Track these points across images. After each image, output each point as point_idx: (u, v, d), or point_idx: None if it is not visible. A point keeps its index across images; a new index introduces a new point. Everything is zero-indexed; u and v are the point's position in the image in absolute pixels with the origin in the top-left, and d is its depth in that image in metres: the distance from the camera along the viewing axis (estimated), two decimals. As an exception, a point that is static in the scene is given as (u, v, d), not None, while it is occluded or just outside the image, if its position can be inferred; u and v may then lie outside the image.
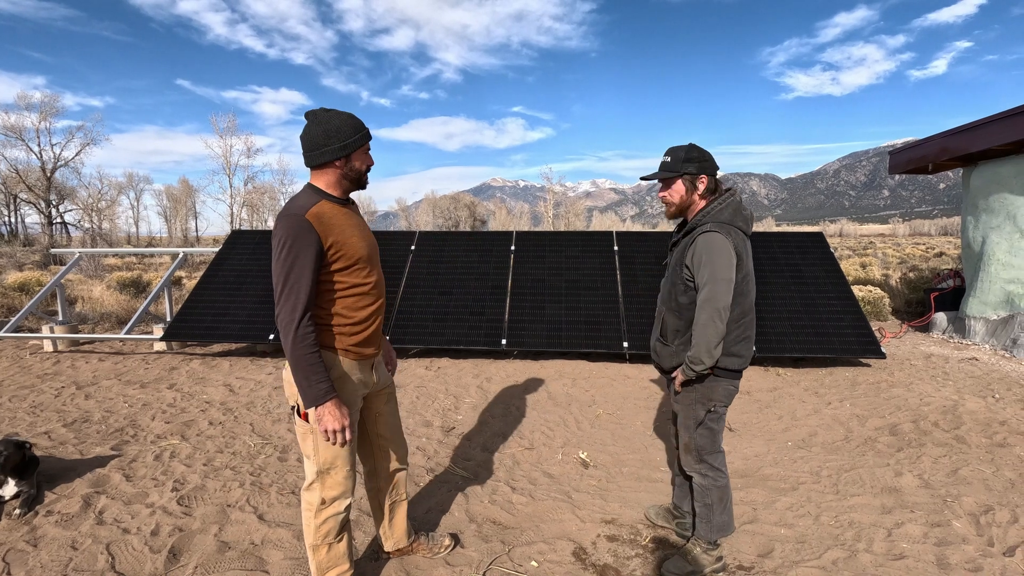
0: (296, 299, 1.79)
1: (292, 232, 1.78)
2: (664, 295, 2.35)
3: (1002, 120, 6.32)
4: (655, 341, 2.41)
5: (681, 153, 2.19)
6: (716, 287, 2.05)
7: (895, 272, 15.00)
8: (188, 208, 66.87)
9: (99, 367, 5.84)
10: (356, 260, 1.92)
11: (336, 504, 2.00)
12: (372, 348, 2.05)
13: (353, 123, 1.90)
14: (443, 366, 5.85)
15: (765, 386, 5.13)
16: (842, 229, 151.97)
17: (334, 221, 1.87)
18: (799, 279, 6.35)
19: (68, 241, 39.03)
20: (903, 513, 2.84)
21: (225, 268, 6.99)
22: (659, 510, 2.79)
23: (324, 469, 1.97)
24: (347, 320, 1.95)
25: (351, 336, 1.96)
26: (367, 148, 1.96)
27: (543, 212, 66.09)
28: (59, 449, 3.64)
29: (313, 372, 1.80)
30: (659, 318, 2.38)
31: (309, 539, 2.03)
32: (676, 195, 2.24)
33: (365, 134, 1.93)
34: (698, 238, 2.13)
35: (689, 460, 2.38)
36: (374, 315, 2.02)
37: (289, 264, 1.78)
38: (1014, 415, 4.28)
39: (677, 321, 2.25)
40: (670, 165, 2.21)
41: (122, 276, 11.82)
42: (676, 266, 2.25)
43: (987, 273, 6.98)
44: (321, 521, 2.00)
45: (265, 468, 3.37)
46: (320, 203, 1.86)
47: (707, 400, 2.27)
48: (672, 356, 2.29)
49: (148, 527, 2.68)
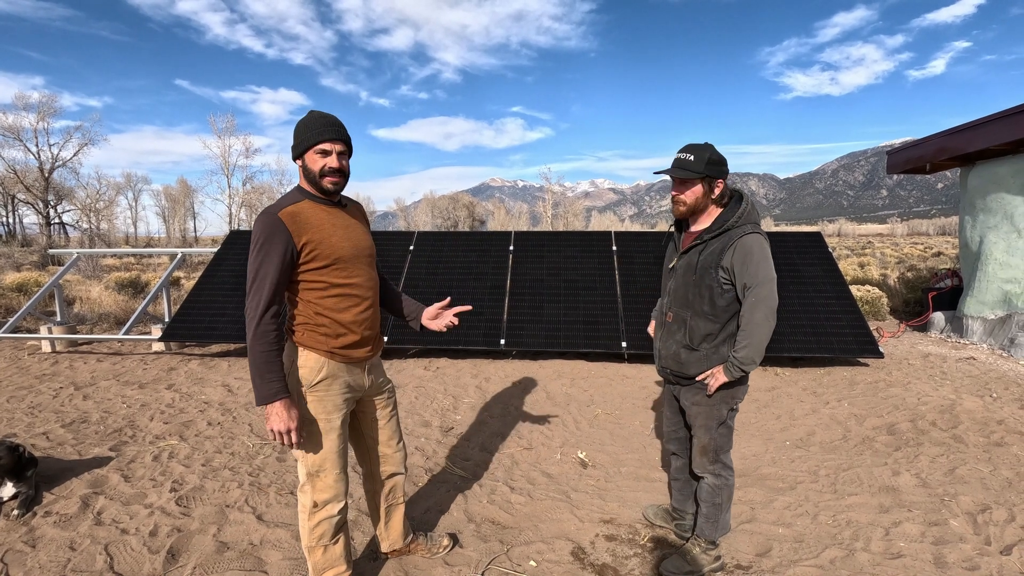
0: (260, 295, 1.79)
1: (264, 230, 1.80)
2: (686, 299, 2.23)
3: (999, 120, 6.33)
4: (680, 348, 2.26)
5: (705, 154, 2.11)
6: (770, 287, 2.06)
7: (893, 272, 15.02)
8: (186, 208, 66.83)
9: (97, 368, 5.84)
10: (334, 260, 1.89)
11: (328, 507, 1.99)
12: (362, 351, 2.03)
13: (307, 123, 1.88)
14: (442, 366, 5.85)
15: (763, 386, 5.14)
16: (840, 229, 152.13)
17: (312, 220, 1.86)
18: (797, 279, 6.36)
19: (66, 241, 38.96)
20: (900, 512, 2.85)
21: (223, 268, 6.99)
22: (658, 510, 2.79)
23: (313, 472, 1.96)
24: (331, 321, 1.93)
25: (336, 338, 1.95)
26: (320, 149, 1.86)
27: (542, 212, 66.10)
28: (57, 450, 3.63)
29: (268, 370, 1.79)
30: (680, 323, 2.26)
31: (304, 540, 2.03)
32: (692, 197, 2.17)
33: (312, 135, 1.85)
34: (740, 240, 2.09)
35: (704, 461, 2.34)
36: (360, 316, 1.98)
37: (259, 261, 1.80)
38: (1011, 414, 4.29)
39: (710, 325, 2.18)
40: (693, 165, 2.11)
41: (120, 276, 11.81)
42: (709, 269, 2.14)
43: (984, 273, 7.00)
44: (315, 524, 1.99)
45: (264, 468, 3.37)
46: (301, 202, 1.87)
47: (732, 399, 2.26)
48: (701, 361, 2.21)
49: (147, 528, 2.68)
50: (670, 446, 2.62)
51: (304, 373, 1.93)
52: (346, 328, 1.96)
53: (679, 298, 2.25)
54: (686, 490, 2.62)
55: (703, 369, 2.22)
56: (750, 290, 2.08)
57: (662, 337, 2.38)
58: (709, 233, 2.17)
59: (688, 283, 2.21)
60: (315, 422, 1.95)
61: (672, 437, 2.59)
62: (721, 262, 2.12)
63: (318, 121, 1.87)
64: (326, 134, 1.85)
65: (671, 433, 2.59)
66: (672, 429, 2.58)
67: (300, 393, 1.94)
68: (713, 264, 2.13)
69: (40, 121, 38.48)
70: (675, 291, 2.29)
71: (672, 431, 2.58)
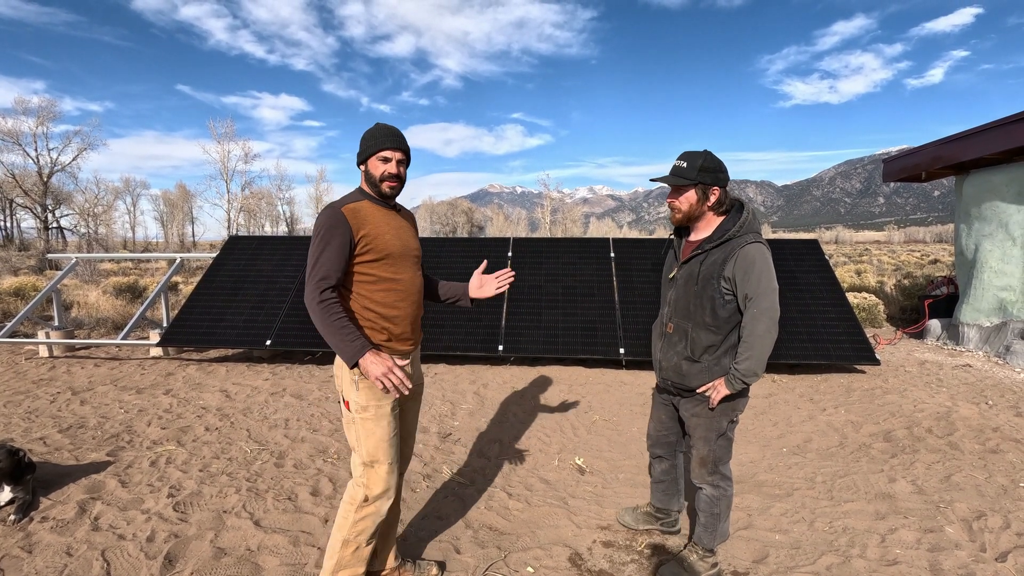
0: (320, 276, 1.93)
1: (328, 221, 1.96)
2: (687, 310, 2.21)
3: (994, 129, 6.39)
4: (681, 360, 2.24)
5: (698, 161, 2.12)
6: (772, 298, 2.05)
7: (890, 279, 15.07)
8: (185, 213, 66.77)
9: (95, 373, 5.83)
10: (385, 255, 2.04)
11: (379, 503, 2.04)
12: (408, 344, 2.13)
13: (373, 132, 2.08)
14: (440, 372, 5.85)
15: (760, 392, 5.16)
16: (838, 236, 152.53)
17: (369, 217, 2.03)
18: (795, 286, 6.38)
19: (64, 246, 38.88)
20: (897, 519, 2.86)
21: (222, 273, 7.00)
22: (636, 514, 2.75)
23: (368, 462, 2.02)
24: (377, 315, 2.05)
25: (383, 332, 2.06)
26: (382, 156, 2.05)
27: (540, 218, 66.20)
28: (54, 455, 3.63)
29: (344, 334, 1.90)
30: (682, 335, 2.23)
31: (342, 532, 2.03)
32: (686, 203, 2.17)
33: (376, 143, 2.05)
34: (743, 250, 2.08)
35: (703, 472, 2.32)
36: (406, 309, 2.10)
37: (321, 247, 1.95)
38: (1007, 421, 4.31)
39: (712, 336, 2.16)
40: (686, 172, 2.12)
41: (118, 281, 11.79)
42: (710, 279, 2.12)
43: (980, 280, 7.04)
44: (361, 517, 2.03)
45: (261, 474, 3.37)
46: (361, 201, 2.06)
47: (732, 411, 2.25)
48: (703, 373, 2.19)
49: (144, 533, 2.68)
50: (656, 449, 2.60)
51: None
52: (391, 321, 2.07)
53: (680, 309, 2.23)
54: (671, 490, 2.62)
55: (705, 381, 2.20)
56: (752, 301, 2.07)
57: (663, 348, 2.35)
58: (710, 243, 2.15)
59: (689, 293, 2.19)
60: (368, 408, 2.02)
61: (661, 441, 2.57)
62: (723, 272, 2.10)
63: (382, 131, 2.07)
64: (388, 143, 2.05)
65: (660, 437, 2.56)
66: (663, 433, 2.55)
67: (353, 382, 2.02)
68: (715, 274, 2.11)
69: (39, 125, 38.52)
70: (676, 301, 2.26)
71: (662, 435, 2.56)
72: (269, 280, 6.83)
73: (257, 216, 55.52)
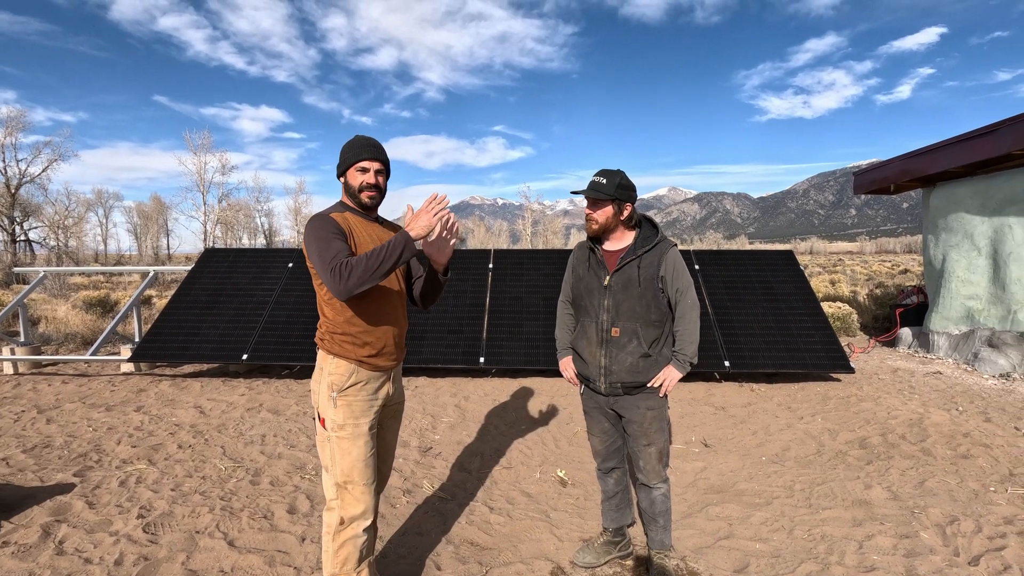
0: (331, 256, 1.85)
1: (321, 223, 1.96)
2: (633, 312, 2.33)
3: (958, 144, 6.63)
4: (637, 358, 2.33)
5: (616, 179, 2.33)
6: (693, 290, 2.38)
7: (863, 288, 15.45)
8: (159, 225, 65.48)
9: (62, 390, 5.64)
10: None
11: (355, 525, 1.97)
12: (388, 360, 2.10)
13: (351, 144, 2.09)
14: (420, 385, 5.80)
15: (740, 402, 5.21)
16: (812, 247, 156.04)
17: (354, 228, 2.05)
18: (771, 296, 6.50)
19: (32, 259, 37.76)
20: (873, 525, 2.90)
21: (198, 287, 6.86)
22: (596, 550, 2.61)
23: (342, 482, 1.97)
24: (358, 330, 2.02)
25: (363, 347, 2.03)
26: (360, 167, 2.05)
27: (521, 230, 66.43)
28: (17, 476, 3.49)
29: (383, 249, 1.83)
30: (631, 335, 2.33)
31: (327, 567, 1.98)
32: (603, 216, 2.37)
33: (354, 154, 2.05)
34: (669, 252, 2.37)
35: (660, 468, 2.40)
36: (386, 325, 2.08)
37: (322, 243, 1.91)
38: (976, 427, 4.42)
39: (656, 331, 2.37)
40: (604, 188, 2.32)
41: (89, 295, 11.47)
42: (650, 280, 2.34)
43: (948, 290, 7.25)
44: (339, 545, 1.96)
45: (236, 492, 3.28)
46: (344, 212, 2.08)
47: (667, 400, 2.45)
48: (654, 366, 2.36)
49: (111, 556, 2.58)
50: (609, 463, 2.56)
51: (334, 379, 2.01)
52: (373, 337, 2.04)
53: (625, 312, 2.36)
54: (624, 502, 2.61)
55: (656, 373, 2.37)
56: (682, 294, 2.36)
57: (608, 354, 2.36)
58: (642, 248, 2.37)
59: (632, 296, 2.36)
60: (344, 427, 1.98)
61: (611, 451, 2.54)
62: (660, 273, 2.36)
63: (360, 142, 2.08)
64: (366, 153, 2.05)
65: (610, 446, 2.53)
66: (611, 441, 2.52)
67: (330, 399, 1.99)
68: (654, 275, 2.35)
69: (8, 136, 37.50)
70: (618, 306, 2.37)
71: (610, 444, 2.52)
72: (246, 293, 6.72)
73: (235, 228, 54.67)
